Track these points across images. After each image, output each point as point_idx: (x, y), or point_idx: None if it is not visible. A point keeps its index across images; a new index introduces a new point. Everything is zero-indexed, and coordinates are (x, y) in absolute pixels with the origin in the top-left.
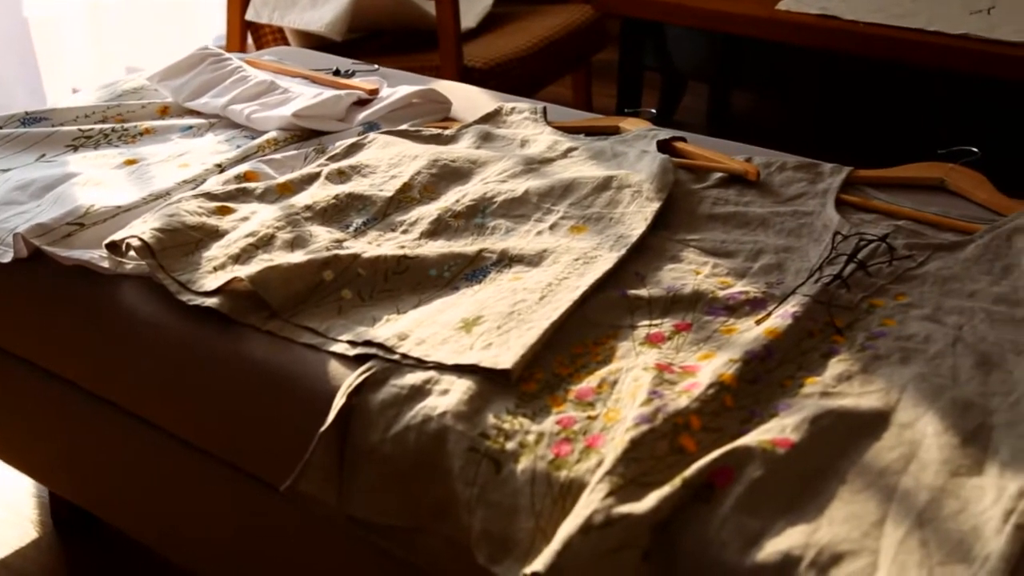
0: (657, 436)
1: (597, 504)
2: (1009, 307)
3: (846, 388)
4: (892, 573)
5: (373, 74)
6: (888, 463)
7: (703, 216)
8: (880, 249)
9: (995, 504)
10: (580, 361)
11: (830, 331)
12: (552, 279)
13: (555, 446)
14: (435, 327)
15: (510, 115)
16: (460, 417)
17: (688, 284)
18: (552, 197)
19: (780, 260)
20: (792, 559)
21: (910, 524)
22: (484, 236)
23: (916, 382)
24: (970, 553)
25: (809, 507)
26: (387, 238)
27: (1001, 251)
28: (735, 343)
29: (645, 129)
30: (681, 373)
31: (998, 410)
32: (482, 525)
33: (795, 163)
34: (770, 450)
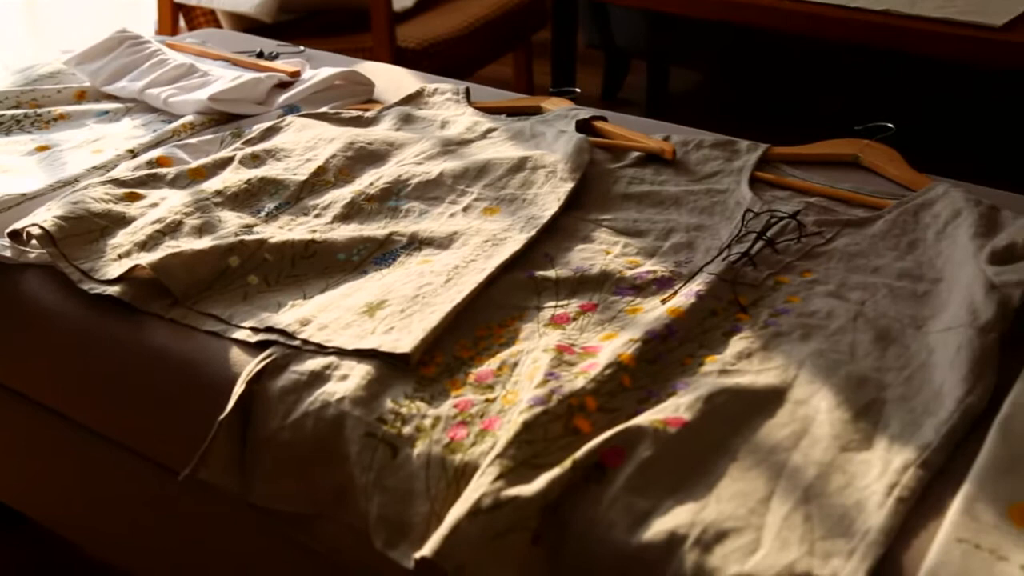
0: (551, 418)
1: (486, 487)
2: (912, 282)
3: (745, 366)
4: (774, 549)
5: (298, 56)
6: (780, 440)
7: (617, 196)
8: (790, 226)
9: (879, 478)
10: (483, 344)
11: (734, 309)
12: (460, 262)
13: (451, 430)
14: (339, 312)
15: (432, 96)
16: (357, 402)
17: (596, 264)
18: (467, 179)
19: (691, 239)
20: (678, 537)
21: (796, 500)
22: (397, 219)
23: (814, 358)
24: (852, 527)
25: (699, 486)
26: (299, 222)
27: (908, 226)
28: (638, 323)
29: (566, 109)
30: (582, 354)
31: (892, 385)
32: (378, 510)
33: (712, 141)
34: (662, 429)
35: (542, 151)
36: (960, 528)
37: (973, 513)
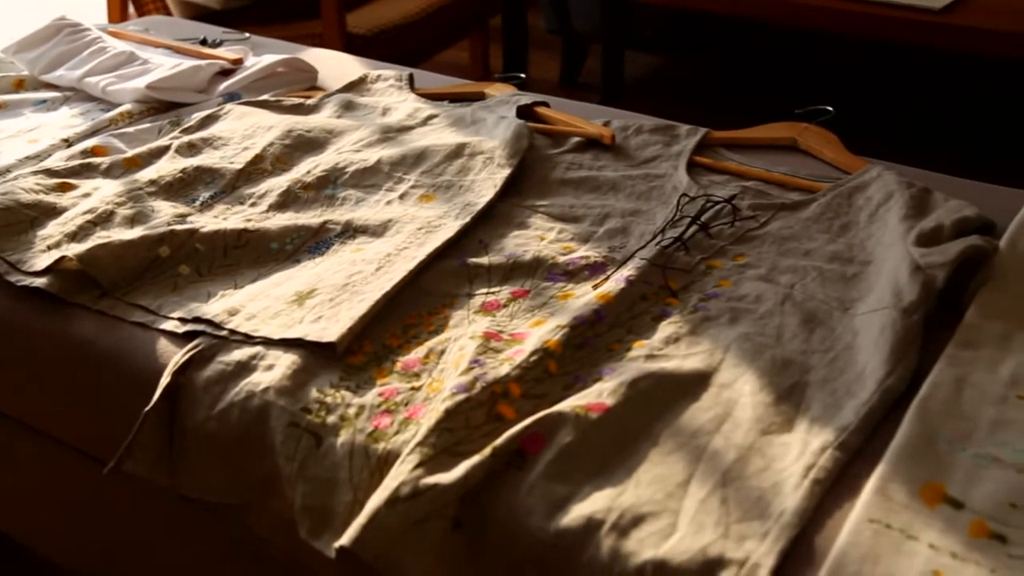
0: (473, 405)
1: (405, 476)
2: (842, 264)
3: (672, 350)
4: (689, 532)
5: (243, 43)
6: (702, 424)
7: (555, 181)
8: (725, 210)
9: (797, 460)
10: (412, 332)
11: (664, 294)
12: (392, 250)
13: (375, 418)
14: (268, 301)
15: (375, 83)
16: (282, 392)
17: (530, 251)
18: (404, 166)
19: (626, 224)
20: (595, 523)
21: (714, 483)
22: (334, 207)
23: (740, 342)
24: (767, 510)
25: (619, 471)
26: (234, 211)
27: (841, 209)
28: (567, 309)
29: (508, 95)
30: (509, 340)
31: (816, 367)
32: (303, 500)
33: (652, 126)
34: (583, 415)
35: (481, 137)
36: (872, 508)
37: (886, 493)
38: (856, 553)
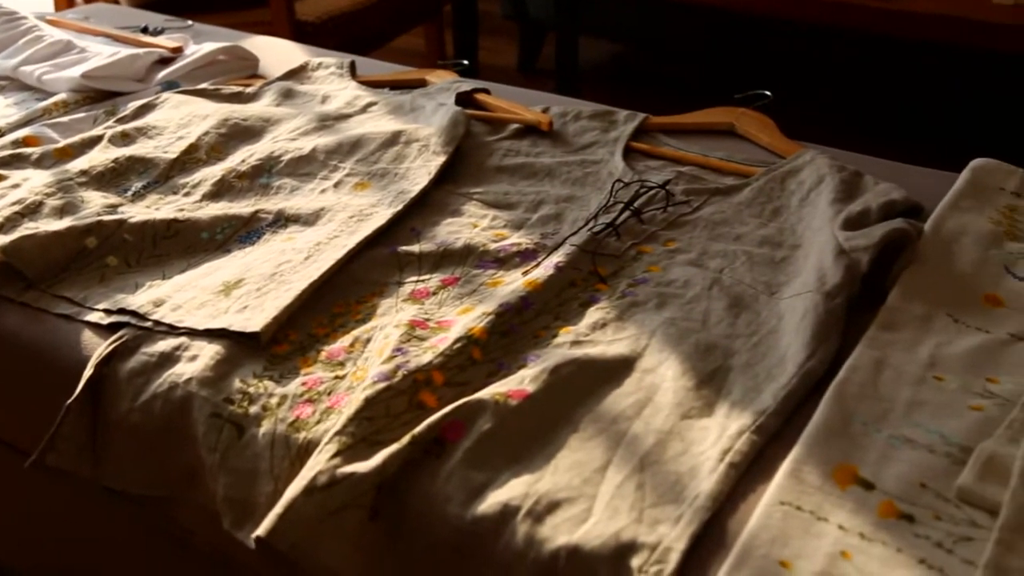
0: (394, 393)
1: (322, 465)
2: (771, 249)
3: (598, 336)
4: (604, 518)
5: (185, 31)
6: (623, 409)
7: (491, 168)
8: (658, 196)
9: (715, 444)
10: (339, 320)
11: (594, 280)
12: (323, 238)
13: (297, 408)
14: (195, 292)
15: (316, 71)
16: (205, 383)
17: (461, 238)
18: (339, 154)
19: (559, 210)
20: (510, 509)
21: (631, 469)
22: (268, 196)
23: (665, 327)
24: (682, 494)
25: (537, 457)
26: (167, 201)
27: (774, 193)
28: (495, 296)
29: (449, 82)
30: (435, 328)
31: (739, 351)
32: (224, 491)
33: (591, 112)
34: (503, 402)
35: (417, 125)
36: (784, 491)
37: (799, 476)
38: (766, 535)
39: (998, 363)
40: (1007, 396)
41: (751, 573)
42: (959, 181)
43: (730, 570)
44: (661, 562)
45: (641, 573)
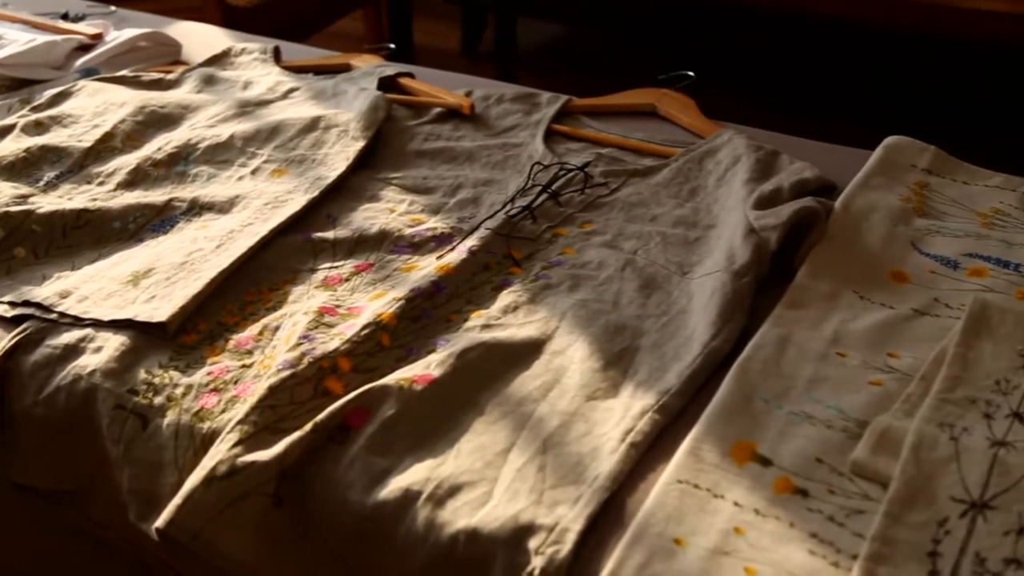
0: (299, 381)
1: (223, 455)
2: (686, 229)
3: (510, 319)
4: (503, 500)
5: (107, 17)
6: (529, 391)
7: (411, 153)
8: (576, 178)
9: (617, 425)
10: (249, 309)
11: (508, 263)
12: (237, 226)
13: (202, 398)
14: (103, 282)
15: (239, 56)
16: (109, 374)
17: (377, 224)
18: (257, 141)
19: (478, 194)
20: (412, 494)
21: (534, 451)
22: (184, 184)
23: (576, 309)
24: (583, 475)
25: (441, 442)
26: (80, 191)
27: (691, 174)
28: (407, 281)
29: (373, 66)
30: (345, 315)
31: (649, 332)
32: (129, 483)
33: (513, 94)
34: (407, 387)
35: (337, 110)
36: (682, 469)
37: (698, 454)
38: (661, 514)
39: (900, 338)
40: (906, 370)
41: (645, 551)
42: (871, 159)
43: (625, 549)
44: (558, 543)
45: (538, 554)
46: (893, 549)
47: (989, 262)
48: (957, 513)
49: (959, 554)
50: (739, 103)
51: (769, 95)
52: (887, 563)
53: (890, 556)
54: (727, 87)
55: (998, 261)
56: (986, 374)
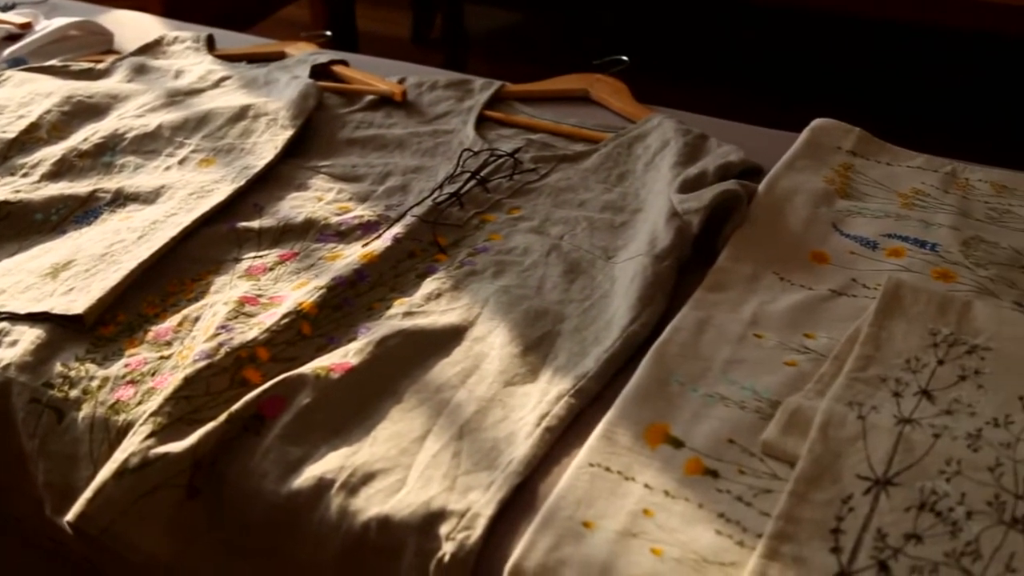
0: (216, 371)
1: (135, 447)
2: (613, 214)
3: (432, 306)
4: (416, 487)
5: (39, 6)
6: (448, 378)
7: (342, 141)
8: (506, 164)
9: (534, 409)
10: (171, 300)
11: (433, 250)
12: (160, 216)
13: (119, 390)
14: (21, 275)
15: (171, 45)
16: (24, 368)
17: (303, 212)
18: (186, 130)
19: (406, 181)
20: (325, 483)
21: (449, 437)
22: (111, 175)
23: (498, 295)
24: (497, 460)
25: (358, 430)
26: (3, 183)
27: (621, 159)
28: (331, 270)
29: (307, 54)
30: (266, 304)
31: (570, 317)
32: (45, 477)
33: (446, 81)
34: (324, 376)
35: (267, 99)
36: (594, 453)
37: (611, 437)
38: (572, 497)
39: (817, 319)
40: (821, 351)
41: (555, 535)
42: (797, 142)
43: (534, 533)
44: (468, 528)
45: (448, 540)
46: (797, 527)
47: (907, 242)
48: (861, 490)
49: (861, 530)
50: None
51: (714, 81)
52: (791, 541)
53: (794, 534)
54: (674, 72)
55: (916, 241)
56: (897, 353)
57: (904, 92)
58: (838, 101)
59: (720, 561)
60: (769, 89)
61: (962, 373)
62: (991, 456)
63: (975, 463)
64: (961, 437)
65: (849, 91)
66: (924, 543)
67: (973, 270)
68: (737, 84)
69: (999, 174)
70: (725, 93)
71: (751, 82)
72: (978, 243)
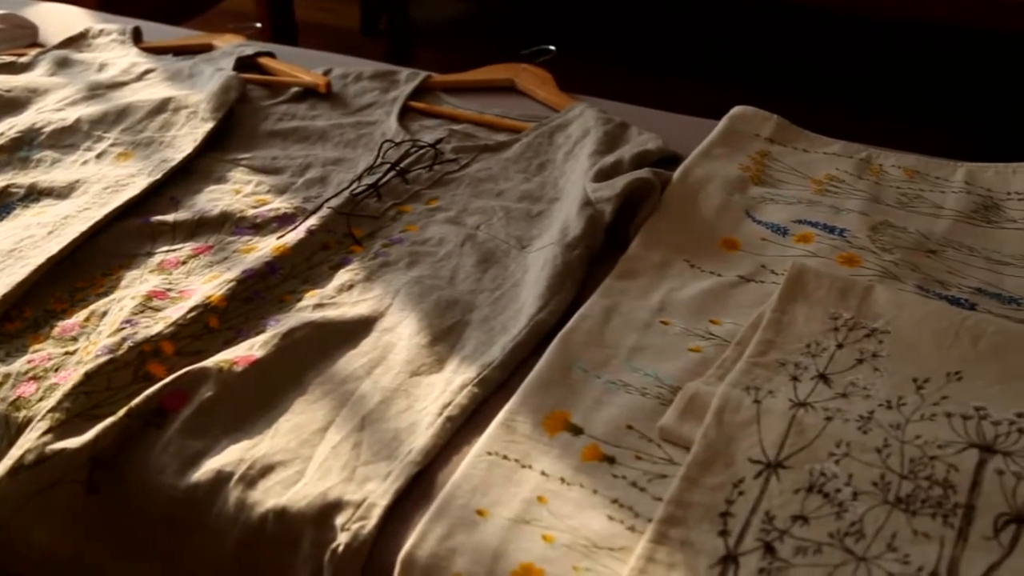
0: (118, 366)
1: (31, 443)
2: (531, 203)
3: (344, 298)
4: (314, 479)
5: None
6: (354, 369)
7: (264, 133)
8: (427, 155)
9: (437, 399)
10: (79, 295)
11: (349, 242)
12: (73, 211)
13: (20, 386)
14: None
15: (96, 38)
16: None
17: (219, 205)
18: (104, 124)
19: (326, 173)
20: (224, 475)
21: (351, 428)
22: (27, 170)
23: (410, 285)
24: (397, 450)
25: (260, 422)
26: None
27: (541, 148)
28: (244, 262)
29: (233, 46)
30: (175, 298)
31: (481, 306)
32: None
33: (372, 72)
34: (227, 369)
35: (189, 91)
36: (492, 441)
37: (511, 425)
38: (467, 485)
39: (724, 305)
40: (726, 336)
41: (448, 523)
42: (715, 130)
43: (428, 522)
44: (364, 519)
45: (344, 530)
46: (687, 511)
47: (816, 227)
48: (752, 474)
49: (750, 513)
50: (617, 77)
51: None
52: (680, 525)
53: (683, 518)
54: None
55: (825, 226)
56: (798, 337)
57: (840, 77)
58: (774, 87)
59: (610, 546)
60: (717, 78)
61: (860, 356)
62: (880, 437)
63: (864, 445)
64: (853, 419)
65: (788, 76)
66: (810, 524)
67: (879, 254)
68: (674, 71)
69: (913, 160)
70: (659, 80)
71: (690, 70)
72: (886, 228)
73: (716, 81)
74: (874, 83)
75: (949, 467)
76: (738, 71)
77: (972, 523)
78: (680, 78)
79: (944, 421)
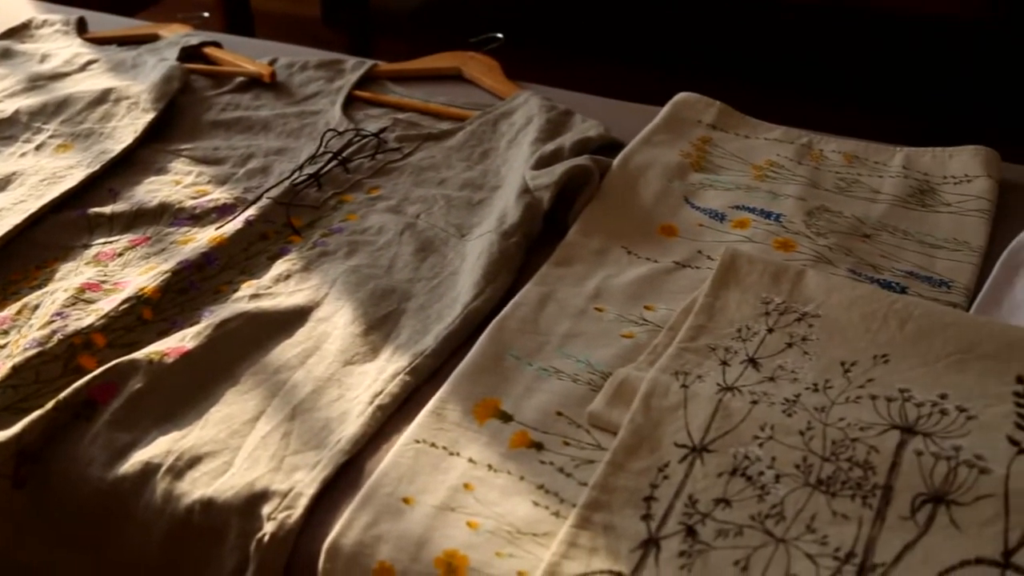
0: (47, 359)
1: None
2: (472, 191)
3: (280, 288)
4: (242, 469)
5: None
6: (288, 359)
7: (207, 123)
8: (370, 144)
9: (368, 388)
10: (13, 288)
11: (288, 232)
12: (8, 204)
13: None
14: None
15: (40, 28)
16: None
17: (158, 196)
18: (44, 115)
19: (267, 163)
20: (152, 467)
21: (282, 418)
22: None
23: (347, 275)
24: (327, 439)
25: (190, 414)
26: None
27: (485, 136)
28: (179, 254)
29: (179, 35)
30: (109, 290)
31: (417, 295)
32: None
33: (317, 62)
34: (157, 360)
35: (131, 82)
36: (421, 429)
37: (440, 413)
38: (395, 474)
39: (659, 291)
40: (659, 322)
41: (373, 511)
42: (657, 116)
43: (353, 510)
44: (290, 508)
45: (270, 520)
46: (611, 496)
47: (753, 213)
48: (677, 458)
49: (674, 497)
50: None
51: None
52: (603, 509)
53: (607, 503)
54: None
55: (761, 212)
56: (729, 322)
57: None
58: (723, 73)
59: (534, 532)
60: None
61: (790, 340)
62: (804, 420)
63: (788, 427)
64: (778, 403)
65: (738, 63)
66: (732, 507)
67: (813, 239)
68: (621, 59)
69: (853, 144)
70: (607, 67)
71: (638, 57)
72: (822, 212)
73: (664, 68)
74: (823, 68)
75: (870, 449)
76: (686, 57)
77: (890, 503)
78: (628, 65)
79: (868, 403)
